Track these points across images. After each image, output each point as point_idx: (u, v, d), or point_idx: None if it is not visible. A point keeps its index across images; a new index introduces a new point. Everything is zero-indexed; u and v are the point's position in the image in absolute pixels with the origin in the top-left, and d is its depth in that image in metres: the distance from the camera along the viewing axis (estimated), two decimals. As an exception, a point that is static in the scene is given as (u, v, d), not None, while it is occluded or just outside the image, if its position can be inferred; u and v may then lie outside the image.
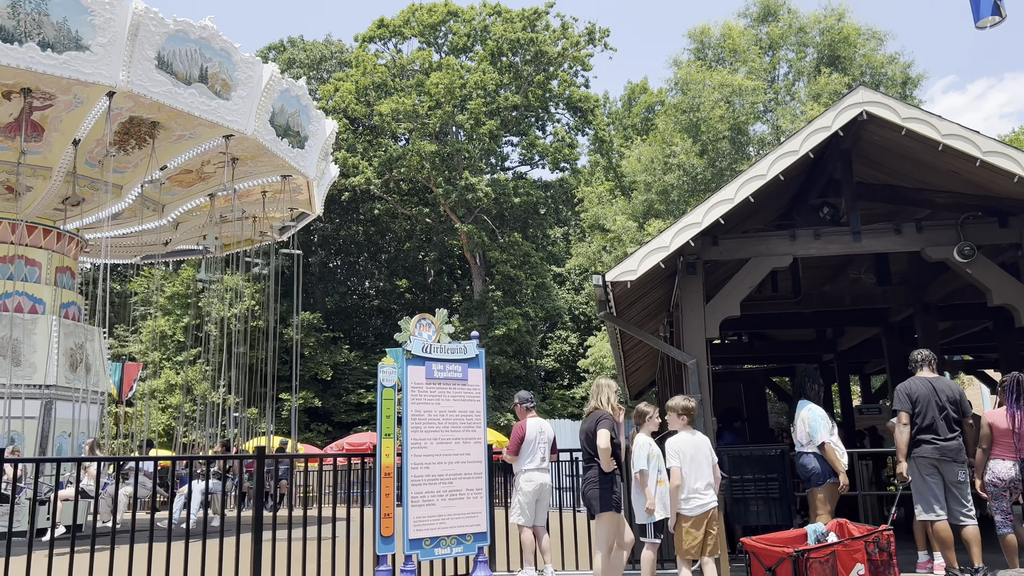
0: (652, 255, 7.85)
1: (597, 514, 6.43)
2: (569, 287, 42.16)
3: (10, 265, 14.39)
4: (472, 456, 7.91)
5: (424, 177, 36.44)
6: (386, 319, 42.14)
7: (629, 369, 15.51)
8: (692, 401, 6.54)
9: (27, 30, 11.08)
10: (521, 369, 37.33)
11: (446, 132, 37.87)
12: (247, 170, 15.44)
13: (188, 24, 12.25)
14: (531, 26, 38.45)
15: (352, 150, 36.29)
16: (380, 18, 39.20)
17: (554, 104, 40.85)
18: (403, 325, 7.90)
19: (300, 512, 10.04)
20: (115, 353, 32.53)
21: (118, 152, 13.89)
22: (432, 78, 35.87)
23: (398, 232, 42.24)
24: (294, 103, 14.69)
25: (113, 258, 19.57)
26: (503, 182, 36.99)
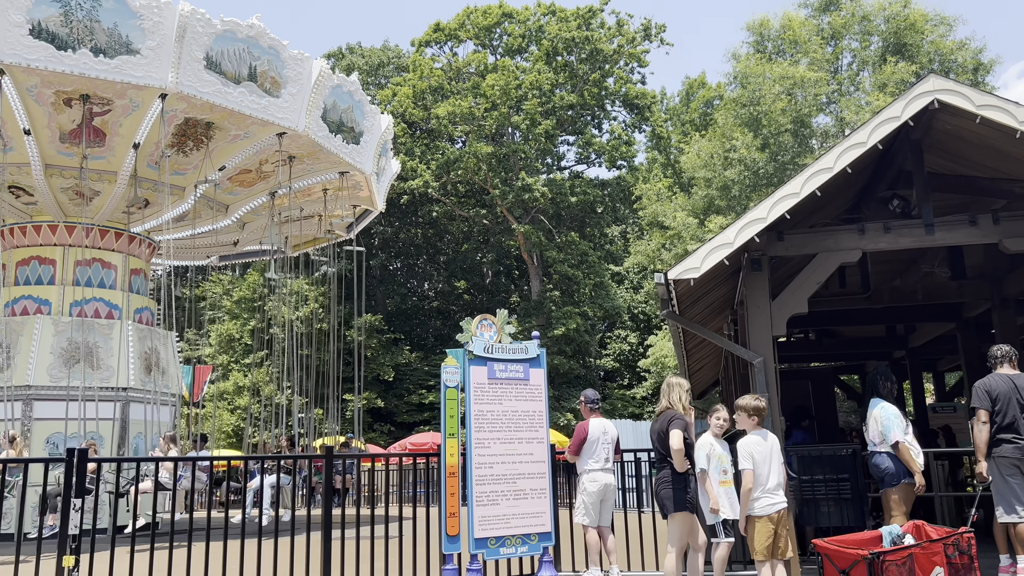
0: (716, 252, 7.72)
1: (670, 514, 6.38)
2: (627, 286, 41.84)
3: (88, 268, 14.94)
4: (535, 456, 7.91)
5: (481, 179, 36.62)
6: (445, 320, 42.49)
7: (692, 368, 15.29)
8: (762, 401, 6.41)
9: (80, 37, 11.41)
10: (580, 369, 37.20)
11: (502, 133, 38.00)
12: (305, 168, 15.52)
13: (235, 24, 12.36)
14: (586, 24, 38.29)
15: (410, 154, 36.70)
16: (436, 22, 39.56)
17: (610, 102, 40.60)
18: (465, 326, 7.95)
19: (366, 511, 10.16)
20: (186, 356, 33.57)
21: (177, 154, 14.18)
22: (488, 80, 36.03)
23: (456, 234, 42.55)
24: (347, 99, 14.65)
25: (186, 259, 20.00)
26: (559, 181, 36.93)
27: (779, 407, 8.07)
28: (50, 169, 14.02)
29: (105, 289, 15.11)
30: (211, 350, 36.81)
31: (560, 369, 34.34)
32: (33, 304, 14.48)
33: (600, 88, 39.02)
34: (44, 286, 14.68)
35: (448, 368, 7.77)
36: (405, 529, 7.61)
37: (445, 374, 7.74)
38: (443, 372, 7.75)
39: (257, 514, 12.09)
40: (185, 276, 38.57)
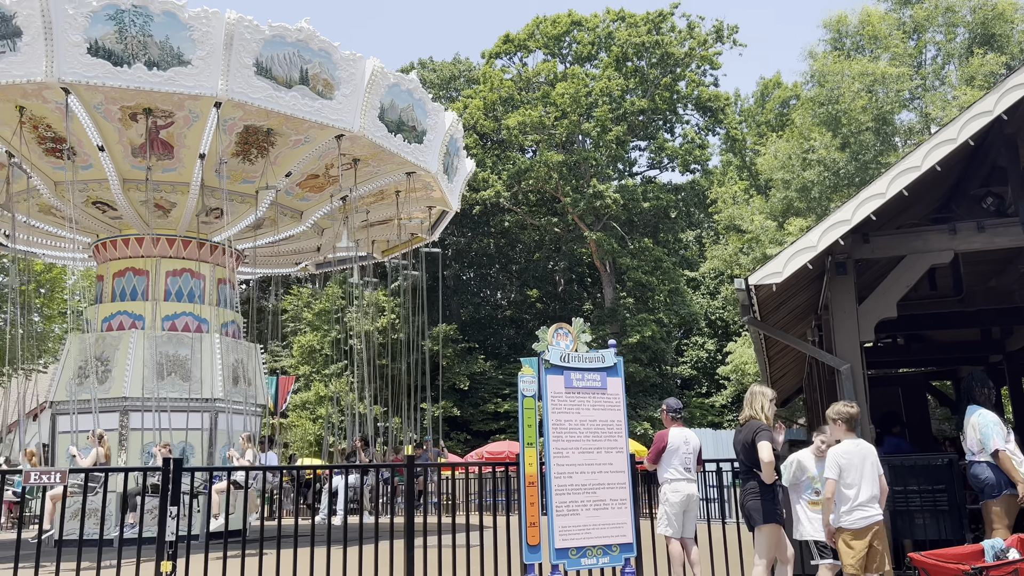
0: (798, 256, 7.54)
1: (758, 526, 6.24)
2: (704, 291, 41.14)
3: (178, 278, 15.53)
4: (615, 466, 7.83)
5: (552, 187, 36.65)
6: (518, 329, 42.61)
7: (774, 376, 14.91)
8: (854, 407, 6.19)
9: (134, 52, 11.77)
10: (656, 377, 36.73)
11: (572, 141, 37.96)
12: (371, 171, 15.38)
13: (284, 28, 12.37)
14: (656, 29, 37.96)
15: (481, 165, 37.03)
16: (505, 34, 39.87)
17: (682, 105, 40.10)
18: (540, 335, 7.95)
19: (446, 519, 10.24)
20: (270, 367, 34.62)
21: (243, 162, 14.34)
22: (557, 88, 36.08)
23: (528, 243, 42.66)
24: (405, 97, 14.33)
25: (272, 267, 20.38)
26: (631, 187, 36.63)
27: (868, 415, 7.80)
28: (127, 183, 14.51)
29: (194, 304, 15.65)
30: (293, 361, 37.84)
31: (636, 377, 33.98)
32: (128, 319, 15.14)
33: (672, 92, 38.60)
34: (138, 302, 15.30)
35: (525, 377, 7.77)
36: (485, 538, 7.64)
37: (522, 383, 7.75)
38: (520, 381, 7.76)
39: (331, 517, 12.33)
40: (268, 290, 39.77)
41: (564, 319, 8.42)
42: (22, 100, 12.48)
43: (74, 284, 31.11)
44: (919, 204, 9.09)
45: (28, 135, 13.42)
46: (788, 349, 11.92)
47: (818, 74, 28.97)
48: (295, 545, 6.73)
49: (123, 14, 11.63)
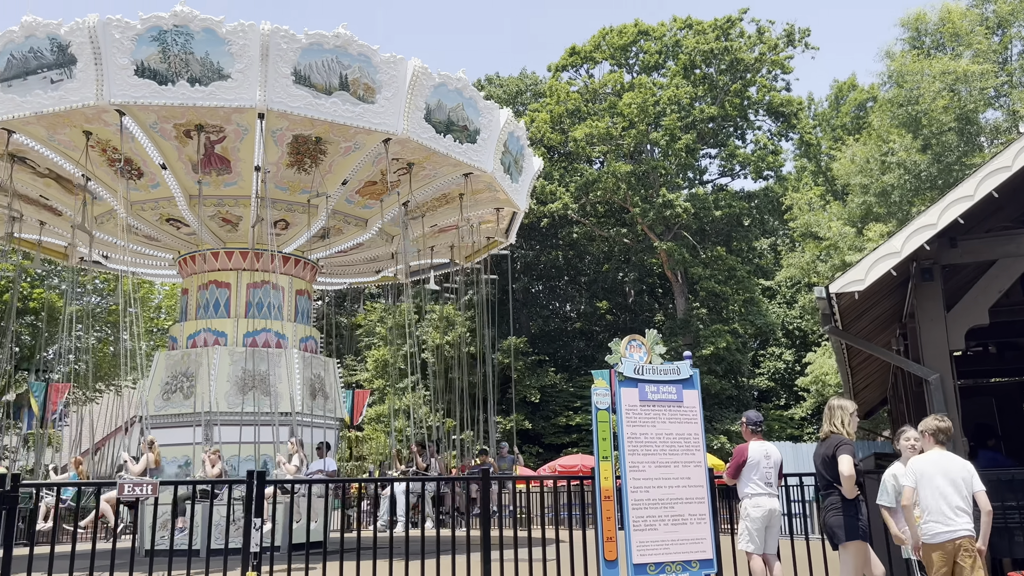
0: (881, 262, 7.29)
1: (842, 543, 6.03)
2: (780, 300, 40.12)
3: (259, 289, 15.96)
4: (693, 480, 7.69)
5: (620, 198, 36.43)
6: (588, 341, 42.36)
7: (857, 387, 14.42)
8: (944, 420, 5.93)
9: (177, 70, 12.09)
10: (732, 389, 35.95)
11: (641, 151, 37.67)
12: (427, 174, 15.17)
13: (321, 35, 12.38)
14: (724, 35, 37.44)
15: (549, 177, 37.08)
16: (572, 46, 39.94)
17: (753, 111, 39.38)
18: (613, 347, 7.88)
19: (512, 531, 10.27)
20: (346, 381, 35.32)
21: (298, 172, 14.43)
22: (624, 99, 35.91)
23: (596, 254, 42.45)
24: (454, 96, 13.96)
25: (353, 277, 20.58)
26: (702, 196, 36.10)
27: (961, 427, 7.46)
28: (193, 200, 14.88)
29: (274, 320, 16.05)
30: (368, 375, 38.49)
31: (711, 390, 33.34)
32: (212, 336, 15.64)
33: (742, 98, 37.96)
34: (220, 319, 15.81)
35: (598, 390, 7.71)
36: (561, 552, 7.59)
37: (595, 396, 7.69)
38: (593, 394, 7.70)
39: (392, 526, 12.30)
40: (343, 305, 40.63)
41: (635, 331, 8.32)
42: (86, 125, 13.01)
43: (160, 303, 32.41)
44: (1011, 206, 8.66)
45: (98, 158, 13.96)
46: (871, 359, 11.51)
47: (896, 74, 28.05)
48: (374, 557, 6.81)
49: (165, 34, 11.98)
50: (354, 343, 39.30)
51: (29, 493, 12.98)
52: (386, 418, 36.46)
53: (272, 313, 16.07)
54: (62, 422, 22.57)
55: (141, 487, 6.51)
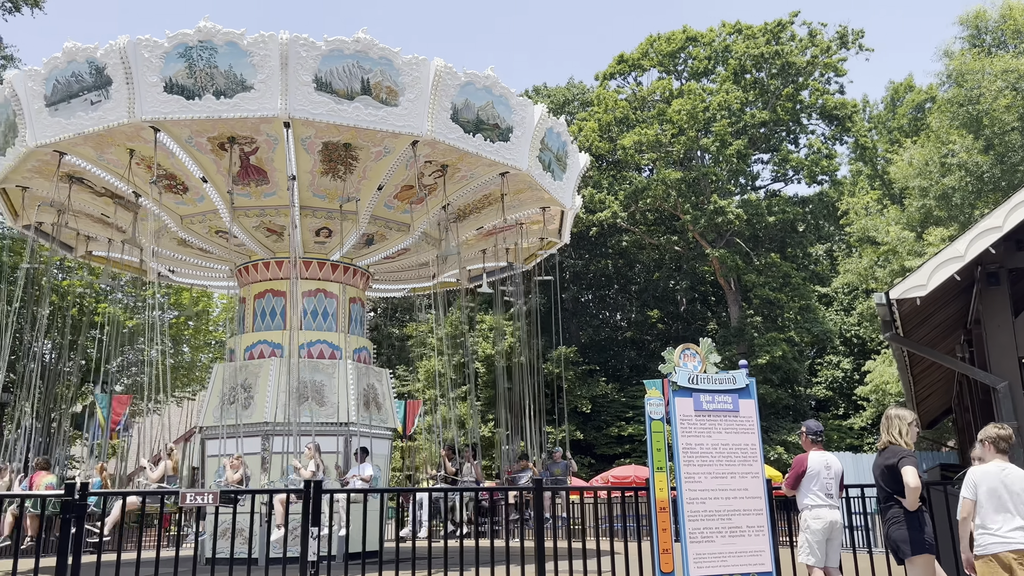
0: (944, 267, 7.07)
1: (908, 557, 5.84)
2: (837, 308, 39.24)
3: (313, 298, 16.22)
4: (750, 491, 7.55)
5: (671, 205, 36.11)
6: (640, 350, 42.00)
7: (919, 395, 14.00)
8: (1005, 429, 5.72)
9: (203, 84, 12.29)
10: (789, 399, 35.23)
11: (691, 157, 37.32)
12: (463, 175, 15.00)
13: (341, 41, 12.32)
14: (775, 39, 36.94)
15: (597, 186, 36.97)
16: (620, 54, 39.82)
17: (806, 115, 38.71)
18: (667, 356, 7.79)
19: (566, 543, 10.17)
20: (398, 392, 35.63)
21: (333, 179, 14.40)
22: (674, 105, 35.65)
23: (647, 262, 42.10)
24: (483, 95, 13.61)
25: (408, 283, 20.63)
26: (755, 202, 35.57)
27: (1032, 437, 7.18)
28: (236, 211, 15.13)
29: (329, 331, 16.27)
30: (420, 385, 38.78)
31: (767, 399, 32.72)
32: (268, 348, 15.94)
33: (794, 102, 37.35)
34: (276, 331, 16.10)
35: (652, 400, 7.64)
36: (616, 564, 7.51)
37: (649, 406, 7.62)
38: (647, 404, 7.63)
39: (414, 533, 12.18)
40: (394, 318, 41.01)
41: (687, 340, 8.23)
42: (129, 143, 13.38)
43: (217, 316, 33.18)
44: (1082, 206, 8.34)
45: (145, 175, 14.17)
46: (935, 367, 11.17)
47: (956, 73, 27.28)
48: (429, 567, 6.84)
49: (191, 50, 12.21)
50: (406, 354, 39.64)
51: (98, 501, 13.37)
52: (438, 428, 36.68)
53: (327, 324, 16.29)
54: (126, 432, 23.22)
55: (203, 496, 6.67)
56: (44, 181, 14.54)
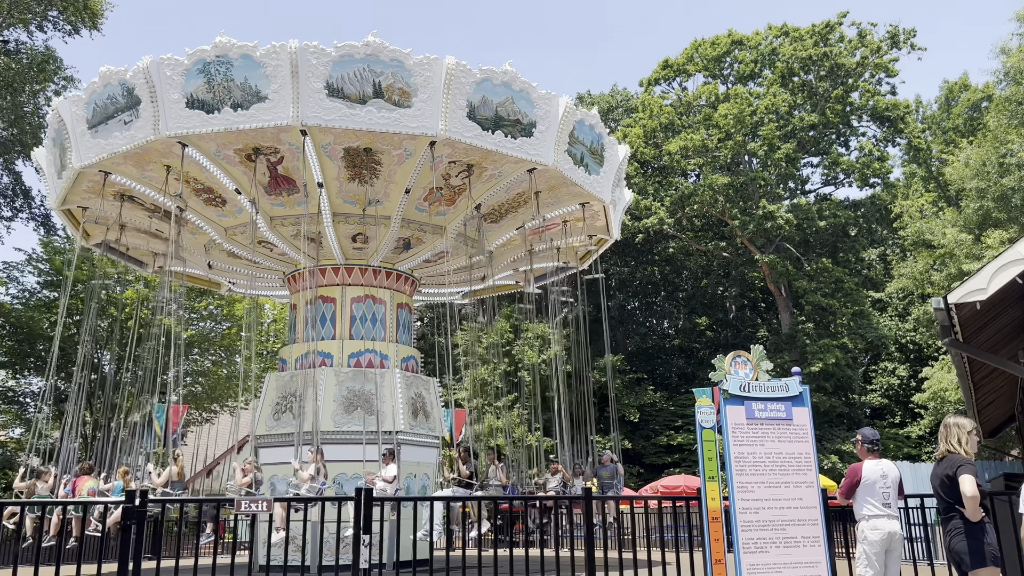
0: (1005, 269, 6.85)
1: (971, 570, 5.66)
2: (892, 313, 38.28)
3: (362, 304, 16.44)
4: (805, 501, 7.40)
5: (718, 211, 35.69)
6: (688, 358, 41.51)
7: (980, 403, 13.55)
8: None
9: (221, 98, 12.58)
10: (843, 407, 34.44)
11: (738, 162, 36.86)
12: (491, 174, 14.89)
13: (351, 46, 12.35)
14: (823, 40, 36.35)
15: (643, 192, 36.75)
16: (664, 59, 39.59)
17: (856, 117, 37.96)
18: (717, 363, 7.70)
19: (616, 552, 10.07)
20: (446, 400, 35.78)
21: (360, 184, 14.46)
22: (720, 110, 35.28)
23: (694, 269, 41.64)
24: (501, 91, 13.30)
25: (453, 287, 20.74)
26: (804, 206, 34.96)
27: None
28: (274, 221, 15.52)
29: (377, 341, 16.44)
30: (466, 394, 38.94)
31: (820, 408, 32.04)
32: (319, 357, 16.18)
33: (844, 104, 36.66)
34: (327, 341, 16.33)
35: (702, 408, 7.54)
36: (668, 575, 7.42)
37: (700, 414, 7.52)
38: (697, 412, 7.53)
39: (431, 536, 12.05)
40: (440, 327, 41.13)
41: (737, 347, 8.11)
42: (164, 160, 13.78)
43: (269, 327, 33.79)
44: None
45: (186, 190, 14.71)
46: (997, 373, 10.81)
47: (1013, 71, 26.49)
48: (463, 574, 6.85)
49: (209, 66, 12.51)
50: (452, 362, 39.80)
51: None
52: (485, 437, 36.73)
53: (375, 333, 16.47)
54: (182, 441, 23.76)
55: (257, 504, 6.79)
56: (101, 201, 15.02)
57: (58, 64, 30.02)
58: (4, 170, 31.14)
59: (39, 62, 28.61)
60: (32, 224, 32.20)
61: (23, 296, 29.36)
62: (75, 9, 29.06)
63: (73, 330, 25.19)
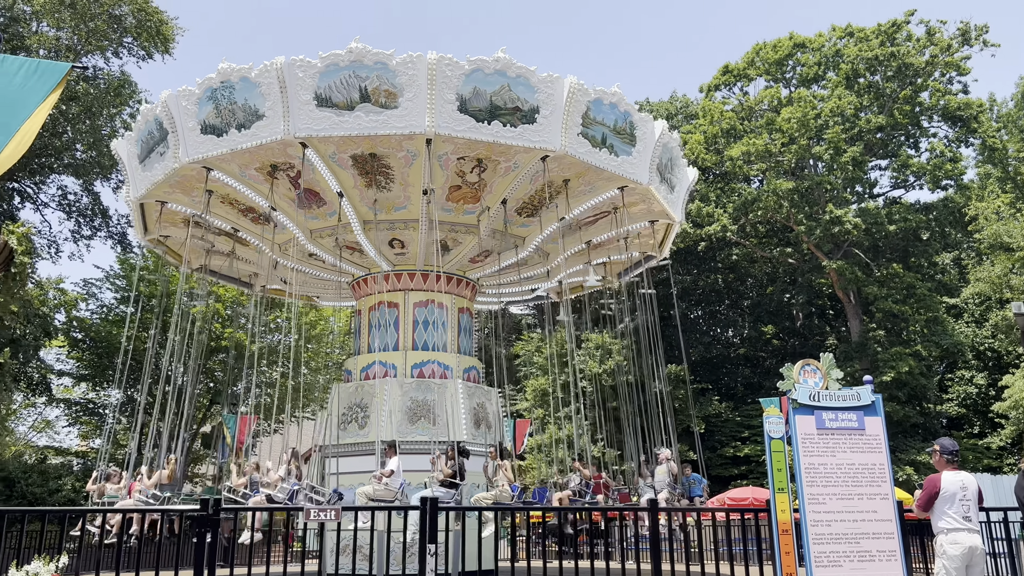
0: (1092, 273, 6.52)
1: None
2: (968, 319, 36.83)
3: (425, 308, 16.67)
4: (880, 514, 7.17)
5: (783, 216, 34.96)
6: (754, 368, 40.66)
7: (1067, 412, 12.89)
8: None
9: (227, 120, 13.22)
10: (917, 416, 33.24)
11: (803, 166, 36.07)
12: (582, 189, 15.01)
13: (336, 55, 12.55)
14: (890, 40, 35.35)
15: (705, 199, 36.25)
16: (724, 65, 39.07)
17: (927, 118, 36.75)
18: (785, 372, 7.54)
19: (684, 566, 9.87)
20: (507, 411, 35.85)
21: (378, 190, 14.73)
22: (783, 114, 34.61)
23: (759, 276, 40.82)
24: (494, 80, 12.94)
25: (507, 296, 20.83)
26: (873, 210, 33.96)
27: None
28: (313, 234, 16.05)
29: (440, 351, 16.60)
30: (528, 404, 38.92)
31: (893, 417, 30.98)
32: (382, 368, 16.44)
33: (913, 104, 35.54)
34: (390, 352, 16.58)
35: (771, 418, 7.39)
36: (738, 588, 7.27)
37: (768, 424, 7.38)
38: (765, 423, 7.39)
39: None
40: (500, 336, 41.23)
41: (805, 355, 7.92)
42: (201, 184, 14.59)
43: (334, 340, 34.43)
44: None
45: (232, 211, 15.71)
46: (1085, 381, 10.27)
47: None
48: (544, 587, 6.82)
49: (216, 92, 13.19)
50: (513, 373, 39.87)
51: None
52: (547, 447, 36.62)
53: (437, 340, 16.66)
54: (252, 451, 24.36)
55: (326, 512, 6.91)
56: (183, 196, 15.62)
57: (133, 88, 31.34)
58: (84, 191, 32.60)
59: (115, 87, 29.90)
60: (110, 242, 33.62)
61: (101, 311, 30.63)
62: (148, 35, 30.33)
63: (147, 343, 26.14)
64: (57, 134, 28.53)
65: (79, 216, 32.74)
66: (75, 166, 30.39)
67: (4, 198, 29.91)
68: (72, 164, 30.30)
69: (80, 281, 33.11)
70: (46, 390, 31.32)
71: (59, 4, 28.23)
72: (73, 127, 28.86)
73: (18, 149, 9.25)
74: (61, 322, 29.21)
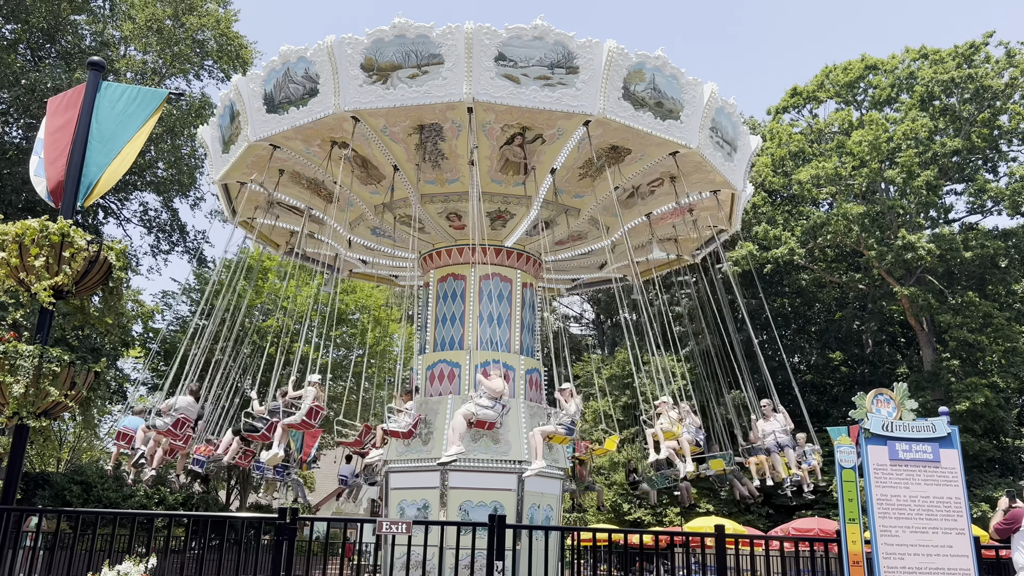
0: None
1: None
2: (1050, 350, 35.32)
3: (490, 281, 16.70)
4: (956, 549, 7.00)
5: (852, 241, 34.21)
6: (820, 395, 39.68)
7: None
8: None
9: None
10: (994, 451, 31.94)
11: (874, 190, 35.28)
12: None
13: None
14: (967, 62, 34.44)
15: (772, 222, 35.75)
16: (793, 87, 38.62)
17: (1006, 141, 35.58)
18: (858, 401, 7.45)
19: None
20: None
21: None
22: (854, 137, 33.98)
23: (827, 302, 39.93)
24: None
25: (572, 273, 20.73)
26: (948, 236, 32.96)
27: None
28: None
29: (503, 352, 16.54)
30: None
31: (968, 451, 29.83)
32: (447, 367, 16.58)
33: (991, 128, 34.48)
34: (455, 351, 16.69)
35: (843, 448, 7.31)
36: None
37: (839, 454, 7.29)
38: (837, 452, 7.30)
39: None
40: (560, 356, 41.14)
41: (875, 384, 7.83)
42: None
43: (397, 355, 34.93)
44: None
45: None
46: None
47: None
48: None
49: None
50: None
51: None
52: (607, 471, 36.33)
53: (500, 340, 16.64)
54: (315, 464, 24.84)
55: (397, 526, 7.09)
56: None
57: (213, 109, 32.66)
58: (163, 207, 34.01)
59: (196, 108, 31.20)
60: (186, 257, 34.95)
61: (178, 323, 31.81)
62: (228, 59, 31.61)
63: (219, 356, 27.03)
64: (141, 153, 29.90)
65: (159, 231, 34.16)
66: (156, 183, 31.77)
67: (91, 213, 31.41)
68: (154, 181, 31.69)
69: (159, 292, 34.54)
70: (123, 398, 32.61)
71: (146, 30, 29.70)
72: (156, 146, 30.21)
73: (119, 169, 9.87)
74: (138, 333, 30.43)
